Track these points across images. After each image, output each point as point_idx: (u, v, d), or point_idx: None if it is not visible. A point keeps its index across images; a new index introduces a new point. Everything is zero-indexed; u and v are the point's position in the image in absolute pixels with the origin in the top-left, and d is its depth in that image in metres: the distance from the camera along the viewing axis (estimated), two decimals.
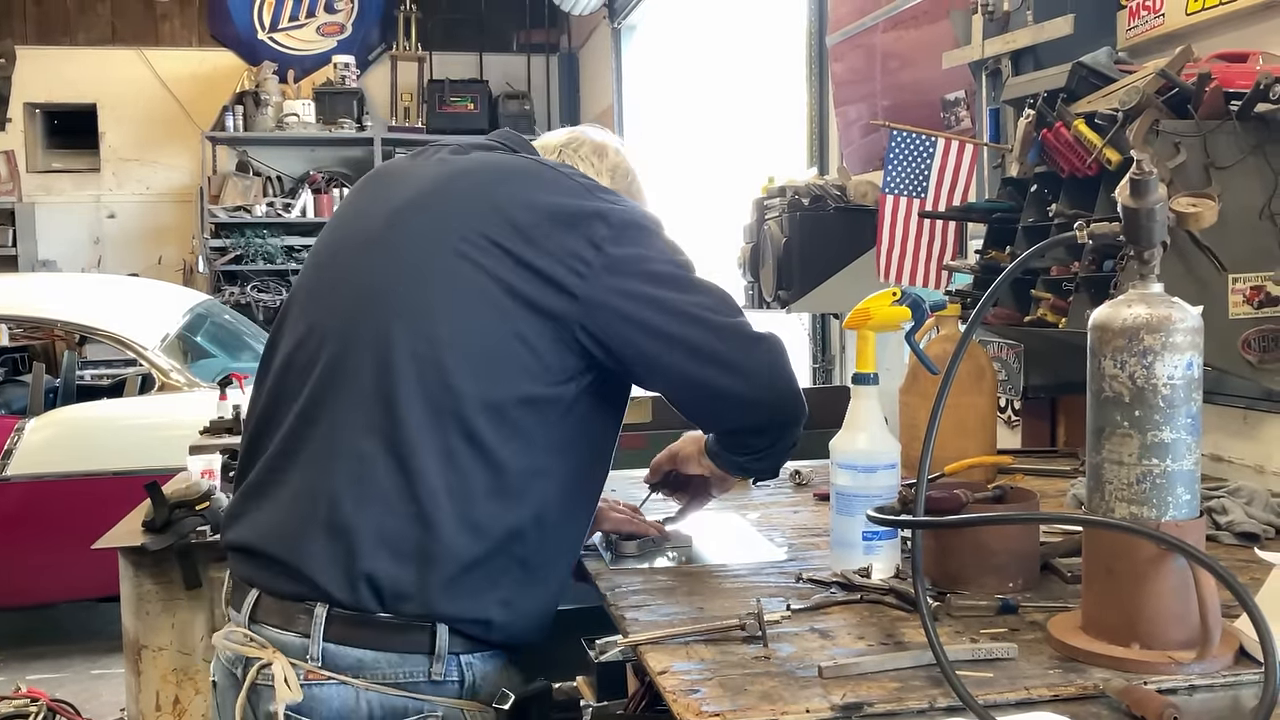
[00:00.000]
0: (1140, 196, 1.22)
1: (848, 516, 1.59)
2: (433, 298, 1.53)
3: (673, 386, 1.62)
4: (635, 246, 1.57)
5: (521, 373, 1.52)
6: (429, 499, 1.48)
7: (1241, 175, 1.95)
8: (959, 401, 2.12)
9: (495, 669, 1.58)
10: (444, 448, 1.49)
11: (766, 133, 5.65)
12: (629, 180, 1.83)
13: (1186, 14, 2.31)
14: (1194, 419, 1.23)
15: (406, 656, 1.49)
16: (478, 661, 1.55)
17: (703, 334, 1.57)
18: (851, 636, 1.36)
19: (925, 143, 2.84)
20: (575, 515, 1.65)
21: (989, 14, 2.68)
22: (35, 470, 4.91)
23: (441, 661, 1.50)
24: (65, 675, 4.73)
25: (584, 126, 1.89)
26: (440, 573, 1.48)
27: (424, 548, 1.48)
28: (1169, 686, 1.18)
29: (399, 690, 1.49)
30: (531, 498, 1.54)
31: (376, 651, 1.49)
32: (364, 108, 8.92)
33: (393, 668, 1.49)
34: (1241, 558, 1.65)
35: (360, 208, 1.72)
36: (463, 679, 1.53)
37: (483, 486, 1.50)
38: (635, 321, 1.55)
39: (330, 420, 1.54)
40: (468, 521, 1.49)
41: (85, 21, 9.01)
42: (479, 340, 1.51)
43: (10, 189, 8.87)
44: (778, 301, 3.73)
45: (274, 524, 1.55)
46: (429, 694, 1.51)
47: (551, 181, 1.62)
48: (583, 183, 1.63)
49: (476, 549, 1.50)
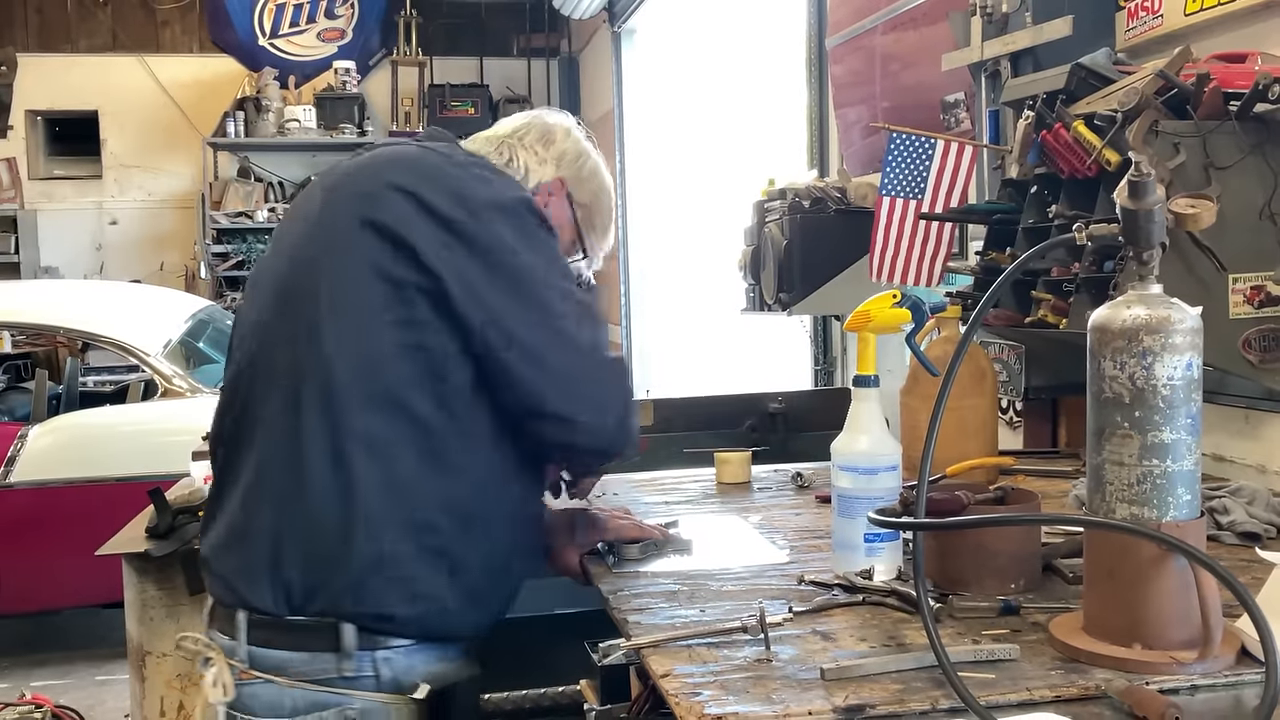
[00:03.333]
0: (1138, 198, 1.23)
1: (849, 519, 1.60)
2: (319, 289, 1.57)
3: (497, 371, 1.58)
4: (497, 229, 1.58)
5: (402, 361, 1.54)
6: (322, 499, 1.52)
7: (1241, 175, 1.95)
8: (960, 403, 2.12)
9: (423, 662, 1.60)
10: (333, 447, 1.53)
11: (767, 135, 5.66)
12: (579, 164, 1.82)
13: (1185, 15, 2.32)
14: (1194, 419, 1.23)
15: (317, 655, 1.55)
16: (397, 656, 1.58)
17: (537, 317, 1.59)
18: (853, 638, 1.36)
19: (924, 144, 2.84)
20: (499, 508, 1.64)
21: (988, 16, 2.68)
22: (39, 477, 4.92)
23: (351, 659, 1.55)
24: (69, 681, 4.73)
25: (541, 111, 1.88)
26: (340, 571, 1.53)
27: (322, 549, 1.53)
28: (1171, 687, 1.18)
29: (318, 686, 1.55)
30: (434, 490, 1.56)
31: (291, 652, 1.56)
32: (365, 113, 8.93)
33: (307, 666, 1.55)
34: (1243, 557, 1.66)
35: (291, 210, 1.80)
36: (378, 674, 1.56)
37: (377, 482, 1.52)
38: (481, 299, 1.54)
39: (252, 424, 1.60)
40: (364, 518, 1.52)
41: (86, 28, 9.02)
42: (362, 332, 1.54)
43: (12, 196, 8.88)
44: (779, 304, 3.73)
45: (217, 535, 1.63)
46: (344, 689, 1.55)
47: (433, 167, 1.64)
48: (461, 171, 1.64)
49: (377, 545, 1.53)
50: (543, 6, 8.84)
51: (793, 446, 3.31)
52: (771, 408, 3.46)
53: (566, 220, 1.81)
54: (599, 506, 1.98)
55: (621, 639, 1.45)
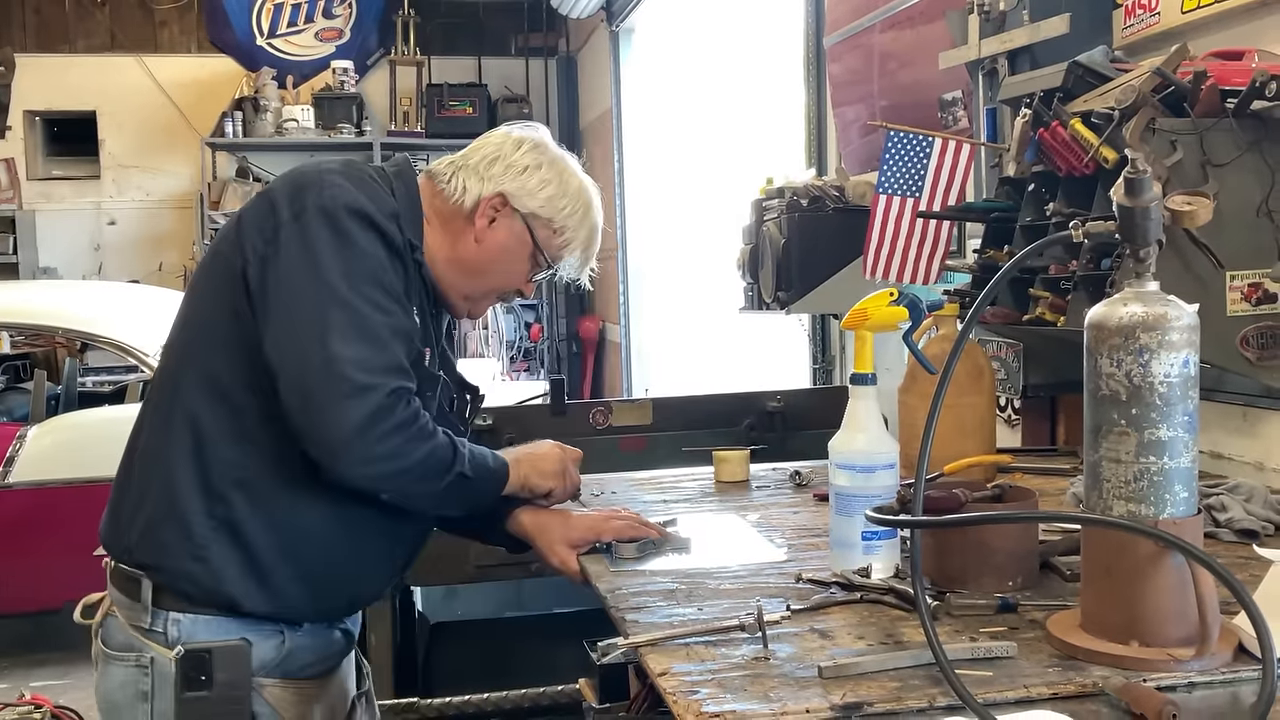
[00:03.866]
0: (1135, 195, 1.23)
1: (847, 517, 1.60)
2: (196, 276, 1.81)
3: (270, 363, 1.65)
4: (312, 231, 1.64)
5: (223, 344, 1.69)
6: (139, 461, 1.75)
7: (1238, 172, 1.95)
8: (958, 401, 2.12)
9: (210, 634, 1.70)
10: (162, 415, 1.73)
11: (765, 134, 5.65)
12: (524, 177, 1.80)
13: (1182, 12, 2.32)
14: (1191, 417, 1.23)
15: (133, 603, 1.73)
16: (188, 623, 1.71)
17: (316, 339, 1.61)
18: (851, 636, 1.36)
19: (922, 143, 2.84)
20: (299, 502, 1.70)
21: (985, 14, 2.68)
22: (37, 477, 4.92)
23: (147, 613, 1.72)
24: (69, 682, 4.72)
25: (514, 128, 1.88)
26: (150, 514, 1.71)
27: (128, 500, 1.75)
28: (1168, 684, 1.18)
29: (134, 630, 1.74)
30: (228, 464, 1.69)
31: (122, 595, 1.76)
32: (363, 113, 8.91)
33: (128, 611, 1.75)
34: (1241, 555, 1.66)
35: None
36: (166, 633, 1.71)
37: (183, 450, 1.69)
38: (275, 298, 1.64)
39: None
40: (162, 480, 1.70)
41: (84, 29, 9.01)
42: (199, 318, 1.75)
43: (10, 196, 8.87)
44: (777, 303, 3.73)
45: None
46: (148, 639, 1.73)
47: (303, 174, 1.73)
48: (321, 178, 1.70)
49: (173, 505, 1.69)
50: (540, 6, 8.83)
51: (791, 445, 3.31)
52: (770, 406, 3.46)
53: (513, 234, 1.81)
54: (595, 507, 1.99)
55: (620, 638, 1.45)
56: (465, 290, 1.86)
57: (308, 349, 1.60)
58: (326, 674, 1.85)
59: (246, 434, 1.69)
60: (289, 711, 1.76)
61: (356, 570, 1.81)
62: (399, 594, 2.91)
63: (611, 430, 3.40)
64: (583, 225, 1.85)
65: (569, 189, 1.83)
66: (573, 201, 1.83)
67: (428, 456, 1.66)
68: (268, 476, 1.70)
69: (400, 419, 1.62)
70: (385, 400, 1.60)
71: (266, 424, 1.67)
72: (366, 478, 1.64)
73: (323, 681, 1.83)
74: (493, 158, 1.82)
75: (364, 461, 1.61)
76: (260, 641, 1.73)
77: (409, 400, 1.65)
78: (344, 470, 1.62)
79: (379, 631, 2.84)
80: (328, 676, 1.85)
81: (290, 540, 1.72)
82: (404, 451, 1.63)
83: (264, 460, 1.69)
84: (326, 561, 1.75)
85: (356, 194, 1.69)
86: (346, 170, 1.75)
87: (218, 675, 1.68)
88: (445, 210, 1.82)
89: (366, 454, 1.60)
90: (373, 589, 1.92)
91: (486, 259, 1.82)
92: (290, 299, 1.63)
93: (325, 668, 1.84)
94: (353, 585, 1.84)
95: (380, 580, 1.91)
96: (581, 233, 1.86)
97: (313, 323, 1.61)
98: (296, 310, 1.63)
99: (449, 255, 1.81)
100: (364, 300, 1.63)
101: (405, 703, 2.82)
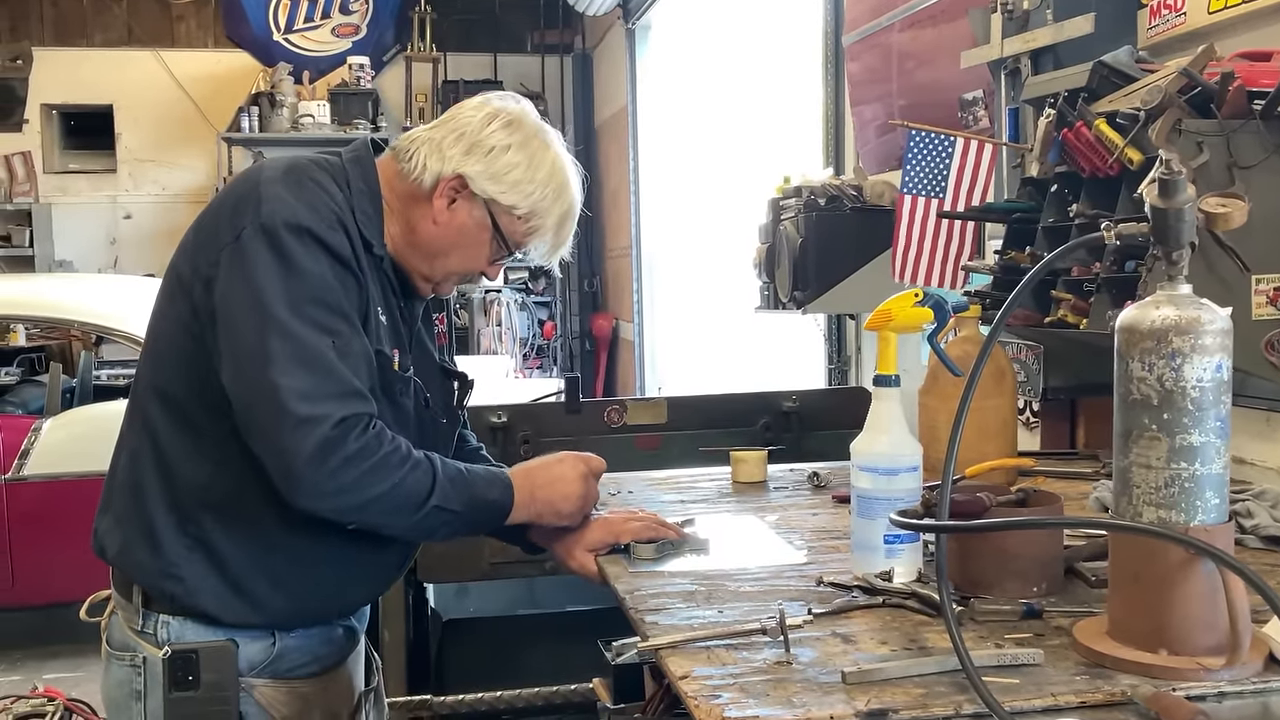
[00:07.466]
0: (1169, 196, 1.21)
1: (869, 519, 1.58)
2: (158, 298, 1.79)
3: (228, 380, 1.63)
4: (252, 250, 1.61)
5: (180, 362, 1.69)
6: (121, 470, 1.76)
7: (1265, 175, 1.92)
8: (980, 404, 2.09)
9: (205, 638, 1.71)
10: (135, 431, 1.75)
11: (782, 132, 5.63)
12: (489, 158, 1.71)
13: (1208, 13, 2.29)
14: (1223, 422, 1.21)
15: (129, 604, 1.75)
16: (176, 625, 1.72)
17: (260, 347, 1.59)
18: (874, 641, 1.35)
19: (944, 142, 2.82)
20: (270, 519, 1.67)
21: (1008, 13, 2.66)
22: (52, 470, 4.93)
23: (139, 614, 1.73)
24: (82, 674, 4.73)
25: (492, 97, 1.79)
26: (125, 531, 1.73)
27: (112, 511, 1.76)
28: (1198, 693, 1.16)
29: (130, 631, 1.75)
30: (195, 485, 1.69)
31: (121, 596, 1.78)
32: (379, 109, 8.93)
33: (124, 610, 1.77)
34: (1267, 562, 1.64)
35: None
36: (156, 634, 1.72)
37: (150, 462, 1.71)
38: (222, 326, 1.62)
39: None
40: (137, 491, 1.72)
41: (101, 23, 9.04)
42: (162, 332, 1.74)
43: (27, 190, 8.90)
44: (793, 302, 3.72)
45: None
46: (141, 639, 1.74)
47: (237, 185, 1.73)
48: (268, 189, 1.65)
49: (146, 524, 1.70)
50: (557, 3, 8.82)
51: (806, 445, 3.30)
52: (785, 406, 3.44)
53: (472, 217, 1.73)
54: (612, 508, 1.97)
55: (635, 638, 1.43)
56: (424, 271, 1.78)
57: (253, 380, 1.57)
58: (326, 672, 1.82)
59: (208, 454, 1.68)
60: (280, 711, 1.74)
61: (342, 578, 1.77)
62: (412, 590, 2.90)
63: (626, 429, 3.38)
64: (551, 211, 1.75)
65: (538, 172, 1.72)
66: (541, 186, 1.72)
67: (393, 490, 1.60)
68: (234, 495, 1.67)
69: (352, 451, 1.55)
70: (331, 432, 1.54)
71: (227, 444, 1.64)
72: (326, 510, 1.60)
73: (322, 680, 1.81)
74: (458, 134, 1.72)
75: (319, 495, 1.57)
76: (248, 643, 1.72)
77: (366, 426, 1.58)
78: (303, 503, 1.59)
79: (392, 628, 2.84)
80: (327, 675, 1.82)
81: (265, 556, 1.70)
82: (361, 485, 1.57)
83: (229, 480, 1.67)
84: (306, 574, 1.73)
85: (296, 206, 1.62)
86: (288, 176, 1.67)
87: (204, 675, 1.68)
88: (405, 190, 1.74)
89: (321, 488, 1.56)
90: (365, 593, 1.90)
91: (445, 241, 1.74)
92: (232, 329, 1.60)
93: (323, 667, 1.81)
94: (339, 593, 1.80)
95: (372, 584, 1.89)
96: (550, 219, 1.75)
97: (255, 354, 1.56)
98: (239, 341, 1.59)
99: (407, 235, 1.75)
100: (307, 324, 1.57)
101: (418, 700, 2.82)
